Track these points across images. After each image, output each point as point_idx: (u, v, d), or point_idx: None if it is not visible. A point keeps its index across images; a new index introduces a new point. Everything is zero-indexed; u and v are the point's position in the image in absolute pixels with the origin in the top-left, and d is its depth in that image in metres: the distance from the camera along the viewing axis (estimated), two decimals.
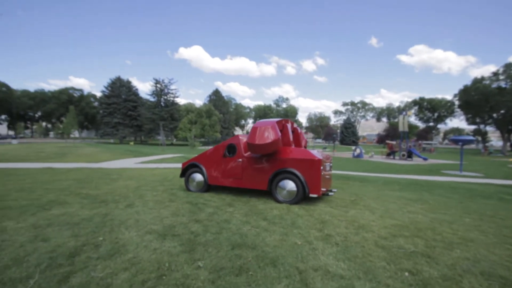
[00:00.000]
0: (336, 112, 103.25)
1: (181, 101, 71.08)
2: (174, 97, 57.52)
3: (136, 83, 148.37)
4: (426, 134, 63.88)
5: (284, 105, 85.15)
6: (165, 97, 56.64)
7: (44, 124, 79.64)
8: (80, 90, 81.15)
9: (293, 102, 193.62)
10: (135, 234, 3.57)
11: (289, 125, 6.28)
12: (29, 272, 2.57)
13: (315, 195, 5.31)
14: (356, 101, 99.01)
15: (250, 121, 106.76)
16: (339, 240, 3.53)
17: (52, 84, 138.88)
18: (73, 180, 8.05)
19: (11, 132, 73.21)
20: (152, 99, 56.82)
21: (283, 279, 2.52)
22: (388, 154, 27.04)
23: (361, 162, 20.19)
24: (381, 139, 66.75)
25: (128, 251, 3.03)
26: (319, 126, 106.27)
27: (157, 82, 55.82)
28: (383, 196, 6.92)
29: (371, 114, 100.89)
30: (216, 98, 77.55)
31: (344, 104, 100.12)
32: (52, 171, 10.34)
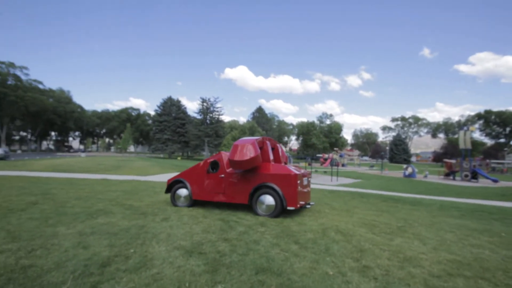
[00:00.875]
0: (384, 128, 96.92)
1: (226, 118, 74.18)
2: (219, 115, 60.27)
3: (185, 102, 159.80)
4: (495, 152, 55.81)
5: (327, 122, 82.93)
6: (211, 115, 59.65)
7: (107, 139, 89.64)
8: (137, 109, 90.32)
9: (337, 119, 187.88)
10: (164, 248, 3.61)
11: (268, 143, 6.63)
12: (64, 278, 2.72)
13: (292, 208, 5.57)
14: (407, 116, 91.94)
15: (293, 137, 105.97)
16: (379, 274, 3.09)
17: (116, 105, 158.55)
18: (121, 192, 8.70)
19: (81, 146, 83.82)
20: (198, 116, 60.35)
21: None
22: (447, 174, 24.15)
23: (413, 183, 18.30)
24: (437, 157, 60.25)
25: (154, 266, 3.05)
26: (366, 143, 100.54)
27: (203, 101, 59.28)
28: (438, 223, 6.04)
29: (425, 130, 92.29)
30: (260, 115, 79.12)
31: (394, 120, 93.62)
32: (107, 182, 11.38)
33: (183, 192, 6.62)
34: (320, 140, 75.51)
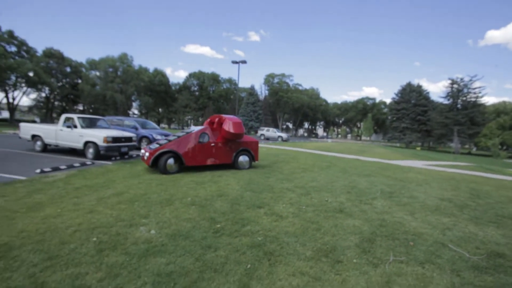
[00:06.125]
0: None
1: (489, 100, 57.38)
2: (476, 98, 48.37)
3: (425, 84, 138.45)
4: None
5: None
6: (464, 98, 49.27)
7: (345, 128, 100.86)
8: (373, 99, 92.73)
9: None
10: (423, 195, 5.94)
11: None
12: (374, 192, 5.90)
13: (256, 161, 9.12)
14: None
15: None
16: None
17: (350, 95, 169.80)
18: (376, 168, 11.74)
19: (324, 134, 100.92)
20: (446, 101, 51.97)
21: None
22: None
23: None
24: None
25: (419, 200, 5.51)
26: None
27: (453, 82, 50.11)
28: None
29: None
30: None
31: None
32: (359, 161, 15.04)
33: (172, 161, 7.31)
34: None
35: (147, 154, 7.13)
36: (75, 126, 10.18)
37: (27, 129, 11.31)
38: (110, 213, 3.97)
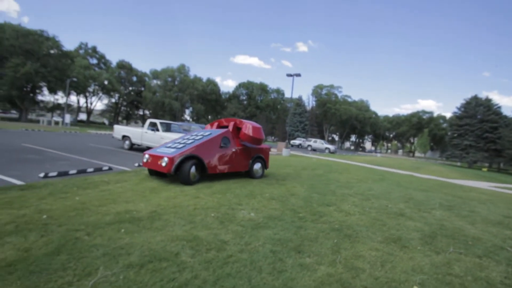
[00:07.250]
0: None
1: None
2: None
3: (496, 98, 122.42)
4: None
5: None
6: None
7: (396, 142, 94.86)
8: (430, 112, 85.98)
9: None
10: (488, 213, 6.09)
11: None
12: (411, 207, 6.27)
13: (267, 169, 8.27)
14: None
15: None
16: None
17: (403, 108, 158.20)
18: (432, 184, 11.57)
19: (372, 148, 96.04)
20: None
21: None
22: None
23: None
24: None
25: (481, 215, 5.73)
26: None
27: None
28: None
29: None
30: None
31: None
32: (414, 177, 14.72)
33: (194, 169, 6.22)
34: None
35: (165, 159, 5.90)
36: (158, 130, 12.18)
37: (119, 131, 13.76)
38: (211, 199, 5.17)
